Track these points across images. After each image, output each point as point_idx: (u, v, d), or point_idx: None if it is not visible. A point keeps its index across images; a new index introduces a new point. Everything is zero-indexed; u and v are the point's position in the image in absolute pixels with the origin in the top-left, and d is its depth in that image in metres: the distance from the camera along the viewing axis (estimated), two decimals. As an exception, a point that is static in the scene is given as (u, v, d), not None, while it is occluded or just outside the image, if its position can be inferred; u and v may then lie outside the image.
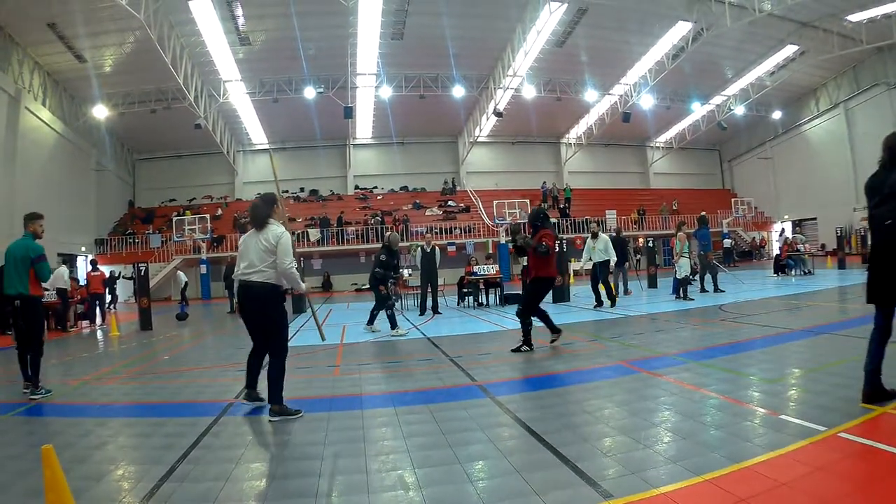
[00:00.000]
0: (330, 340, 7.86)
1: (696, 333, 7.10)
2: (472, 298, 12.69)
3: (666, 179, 34.43)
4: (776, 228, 30.43)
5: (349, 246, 25.59)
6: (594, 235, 11.38)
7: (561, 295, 12.28)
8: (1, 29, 17.14)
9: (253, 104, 25.19)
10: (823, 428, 3.01)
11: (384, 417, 3.92)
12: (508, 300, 12.26)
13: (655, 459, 2.81)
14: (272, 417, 3.92)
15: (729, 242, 24.97)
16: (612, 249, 11.23)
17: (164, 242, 25.14)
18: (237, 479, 2.89)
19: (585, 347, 6.49)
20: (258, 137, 29.88)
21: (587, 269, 12.43)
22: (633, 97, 25.46)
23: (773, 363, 4.90)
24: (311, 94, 22.98)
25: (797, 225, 29.48)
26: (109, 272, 18.43)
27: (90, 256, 21.05)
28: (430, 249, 11.21)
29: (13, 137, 17.73)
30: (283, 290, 4.20)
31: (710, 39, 19.84)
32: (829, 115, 27.32)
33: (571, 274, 16.88)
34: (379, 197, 30.52)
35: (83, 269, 20.73)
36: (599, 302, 10.79)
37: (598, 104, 27.61)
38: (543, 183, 30.23)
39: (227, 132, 27.50)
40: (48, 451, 2.13)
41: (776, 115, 30.02)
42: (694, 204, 29.40)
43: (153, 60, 17.99)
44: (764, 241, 31.05)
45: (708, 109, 29.25)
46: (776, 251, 20.84)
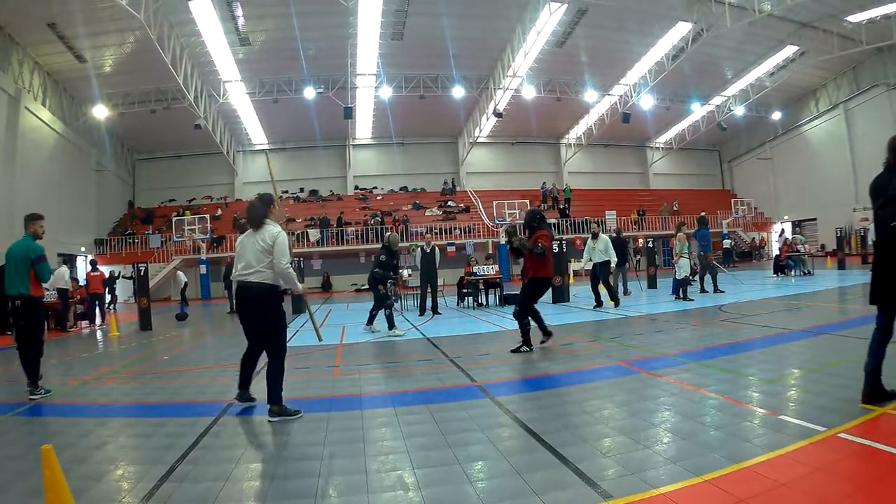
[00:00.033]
0: (330, 341, 7.87)
1: (695, 334, 7.10)
2: (471, 299, 12.69)
3: (666, 180, 34.44)
4: (776, 229, 30.44)
5: (349, 246, 25.58)
6: (594, 236, 11.37)
7: (561, 295, 12.30)
8: (1, 29, 17.13)
9: (253, 104, 25.19)
10: (823, 428, 3.01)
11: (384, 418, 3.92)
12: (508, 301, 12.22)
13: (655, 460, 2.81)
14: (272, 418, 3.92)
15: (728, 243, 24.94)
16: (612, 250, 11.22)
17: (163, 243, 25.13)
18: (237, 479, 2.89)
19: (585, 348, 6.49)
20: (258, 138, 29.88)
21: (587, 269, 12.43)
22: (632, 98, 25.46)
23: (772, 364, 4.90)
24: (310, 94, 23.00)
25: (797, 225, 29.46)
26: (109, 272, 18.42)
27: (90, 256, 21.08)
28: (429, 250, 11.23)
29: (13, 137, 17.73)
30: (281, 290, 4.19)
31: (709, 40, 19.85)
32: (828, 115, 27.34)
33: (571, 274, 16.88)
34: (379, 197, 30.51)
35: (83, 269, 20.72)
36: (599, 302, 10.80)
37: (597, 105, 27.61)
38: (543, 183, 30.29)
39: (226, 132, 27.50)
40: (48, 451, 2.13)
41: (776, 115, 30.03)
42: (694, 204, 29.38)
43: (153, 60, 17.99)
44: (764, 241, 31.05)
45: (708, 110, 29.27)
46: (776, 252, 20.84)
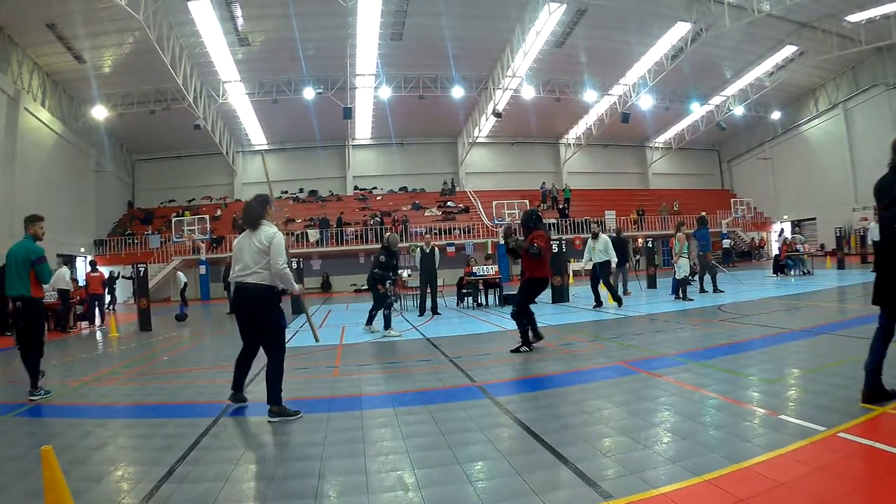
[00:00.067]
0: (329, 341, 7.87)
1: (695, 334, 7.10)
2: (471, 299, 12.70)
3: (665, 180, 34.44)
4: (775, 229, 30.41)
5: (348, 247, 25.57)
6: (594, 236, 11.36)
7: (560, 295, 12.30)
8: (0, 29, 17.12)
9: (252, 105, 25.19)
10: (823, 428, 3.01)
11: (383, 418, 3.92)
12: (507, 301, 12.19)
13: (655, 460, 2.81)
14: (271, 418, 3.92)
15: (728, 243, 24.96)
16: (612, 250, 11.21)
17: (163, 243, 25.11)
18: (236, 479, 2.89)
19: (585, 348, 6.49)
20: (257, 138, 29.88)
21: (587, 269, 12.43)
22: (632, 98, 25.46)
23: (772, 363, 4.90)
24: (310, 94, 23.00)
25: (796, 225, 29.46)
26: (109, 273, 18.42)
27: (89, 257, 21.07)
28: (429, 250, 11.25)
29: (12, 138, 17.72)
30: (278, 290, 4.19)
31: (709, 40, 19.86)
32: (828, 115, 27.33)
33: (571, 274, 16.87)
34: (378, 197, 30.51)
35: (82, 269, 20.71)
36: (599, 302, 10.80)
37: (597, 105, 27.62)
38: (543, 183, 30.29)
39: (226, 133, 27.49)
40: (48, 451, 2.13)
41: (775, 115, 30.04)
42: (693, 204, 29.38)
43: (152, 61, 17.98)
44: (763, 241, 31.06)
45: (707, 110, 29.28)
46: (775, 251, 20.84)
